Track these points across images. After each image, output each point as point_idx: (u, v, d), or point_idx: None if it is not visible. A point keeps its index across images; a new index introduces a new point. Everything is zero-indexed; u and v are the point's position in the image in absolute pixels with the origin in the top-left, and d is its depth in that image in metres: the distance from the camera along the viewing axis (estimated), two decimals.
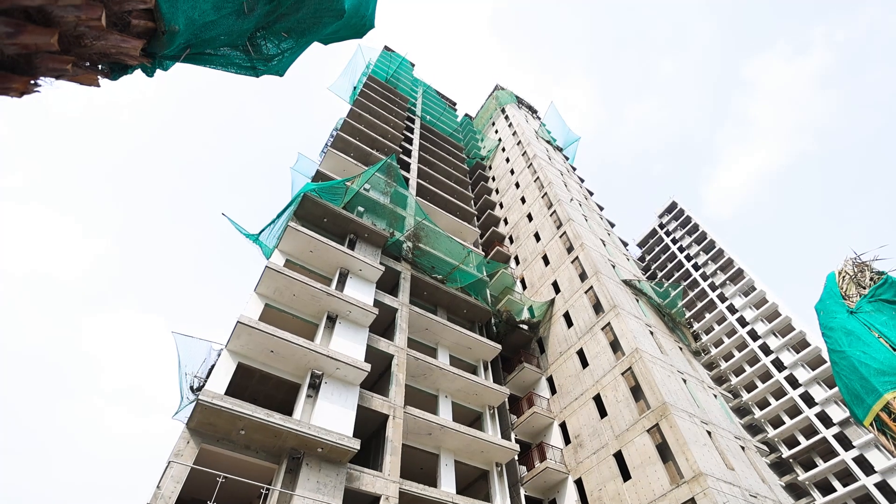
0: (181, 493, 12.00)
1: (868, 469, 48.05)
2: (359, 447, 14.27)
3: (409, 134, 39.27)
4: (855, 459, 49.32)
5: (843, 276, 6.14)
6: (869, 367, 4.93)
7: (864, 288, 5.78)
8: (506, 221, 40.82)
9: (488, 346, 23.85)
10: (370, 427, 17.39)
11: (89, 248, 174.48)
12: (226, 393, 13.90)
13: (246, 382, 16.13)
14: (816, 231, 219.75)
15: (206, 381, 14.22)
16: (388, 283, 23.40)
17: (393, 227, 25.11)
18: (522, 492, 20.35)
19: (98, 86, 2.18)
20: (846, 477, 50.17)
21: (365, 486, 14.68)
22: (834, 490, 50.47)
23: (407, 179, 31.50)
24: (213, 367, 15.13)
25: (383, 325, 21.57)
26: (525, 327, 28.66)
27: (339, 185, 23.12)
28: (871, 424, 5.29)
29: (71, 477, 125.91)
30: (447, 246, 26.47)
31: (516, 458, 20.56)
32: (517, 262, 35.77)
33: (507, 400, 22.71)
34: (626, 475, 19.57)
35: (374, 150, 31.44)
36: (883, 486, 46.51)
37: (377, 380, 19.70)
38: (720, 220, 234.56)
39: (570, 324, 26.95)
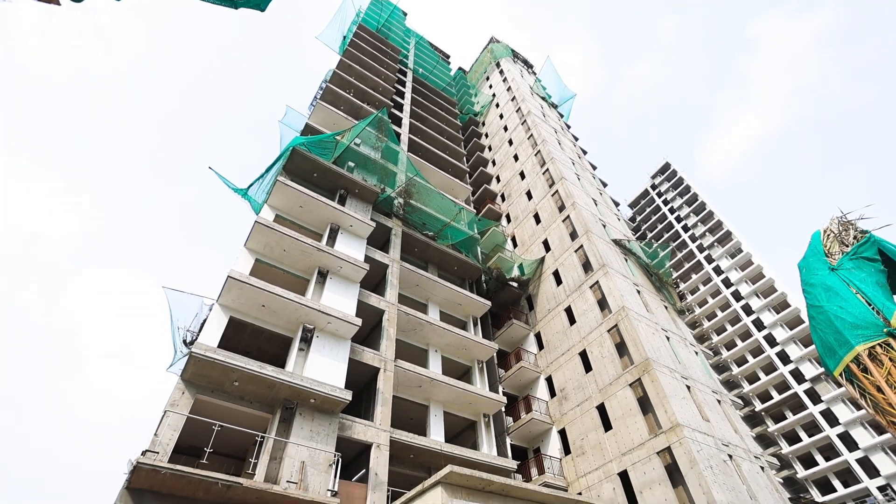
0: (179, 441, 12.38)
1: (833, 421, 50.89)
2: (350, 398, 14.68)
3: (400, 87, 38.09)
4: (822, 413, 52.12)
5: (828, 235, 6.22)
6: (844, 321, 5.10)
7: (847, 246, 5.87)
8: (498, 179, 40.48)
9: (478, 302, 24.21)
10: (362, 379, 17.85)
11: (72, 204, 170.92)
12: (218, 346, 14.07)
13: (238, 336, 16.31)
14: (809, 196, 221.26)
15: (198, 335, 14.34)
16: (379, 240, 23.38)
17: (384, 182, 24.80)
18: (508, 441, 21.27)
19: (58, 4, 2.01)
20: (812, 428, 53.14)
21: (357, 434, 15.22)
22: (800, 440, 53.58)
23: (398, 134, 30.83)
24: (204, 321, 15.22)
25: (374, 280, 21.71)
26: (515, 285, 29.04)
27: (328, 140, 22.57)
28: (841, 375, 5.53)
29: (67, 432, 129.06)
30: (439, 203, 26.31)
31: (503, 409, 21.35)
32: (508, 220, 35.78)
33: (495, 354, 23.30)
34: (607, 426, 20.47)
35: (364, 103, 30.54)
36: (845, 437, 49.46)
37: (368, 334, 20.04)
38: (713, 184, 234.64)
39: (559, 282, 27.35)
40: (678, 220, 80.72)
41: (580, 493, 19.77)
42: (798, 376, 55.85)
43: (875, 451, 46.53)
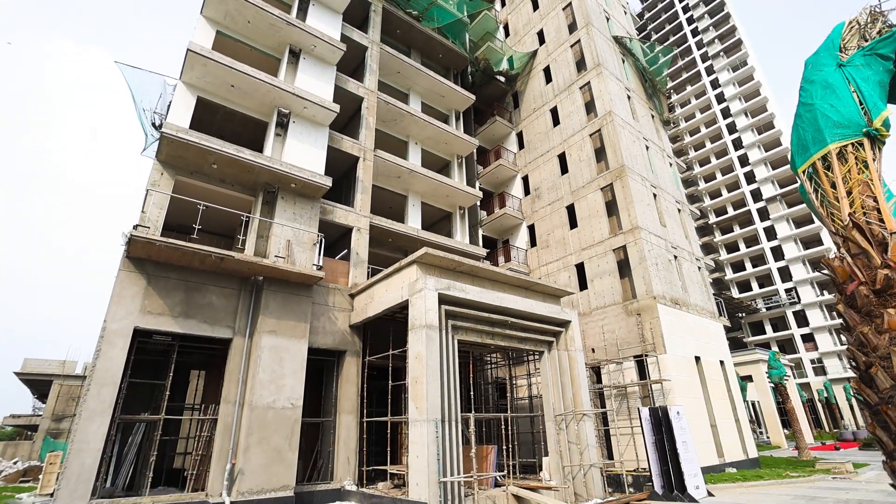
0: (167, 220, 12.84)
1: (771, 236, 56.56)
2: (330, 184, 14.95)
3: None
4: (765, 229, 57.44)
5: (852, 27, 5.69)
6: (828, 119, 5.10)
7: (868, 41, 5.45)
8: None
9: (462, 95, 23.05)
10: (341, 167, 17.98)
11: None
12: (190, 128, 13.48)
13: (210, 118, 15.51)
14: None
15: (166, 117, 13.57)
16: (356, 16, 20.66)
17: None
18: (480, 232, 23.02)
19: None
20: (752, 241, 59.21)
21: (338, 218, 16.06)
22: (738, 250, 60.21)
23: None
24: (171, 103, 14.22)
25: (352, 64, 19.98)
26: (502, 79, 27.37)
27: None
28: (804, 173, 5.80)
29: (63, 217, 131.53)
30: None
31: (478, 203, 22.40)
32: (503, 4, 31.62)
33: (475, 151, 23.32)
34: (573, 224, 22.13)
35: None
36: (776, 250, 55.77)
37: (347, 122, 19.40)
38: None
39: (548, 79, 25.83)
40: (689, 21, 73.06)
41: (539, 278, 22.49)
42: (756, 195, 59.43)
43: (795, 263, 53.30)
